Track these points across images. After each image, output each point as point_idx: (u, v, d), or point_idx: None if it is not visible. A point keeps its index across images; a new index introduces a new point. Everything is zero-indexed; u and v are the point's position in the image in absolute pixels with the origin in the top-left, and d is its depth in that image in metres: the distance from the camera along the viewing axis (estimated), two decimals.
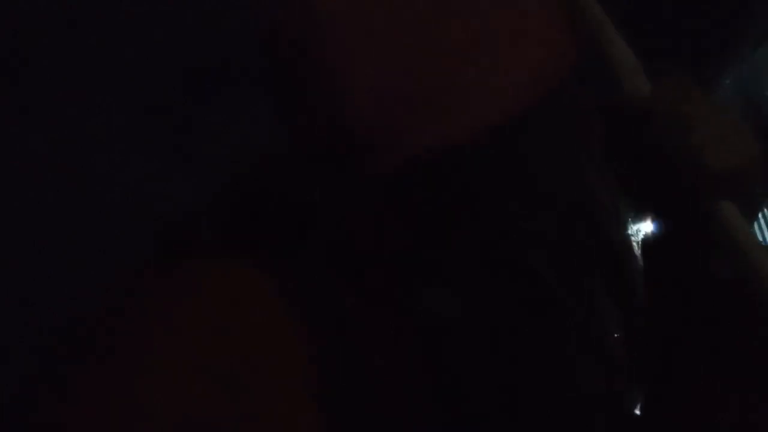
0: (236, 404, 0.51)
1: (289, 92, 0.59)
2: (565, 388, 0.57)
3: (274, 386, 0.53)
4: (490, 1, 0.56)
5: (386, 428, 0.56)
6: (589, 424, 0.57)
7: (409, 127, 0.54)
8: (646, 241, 0.64)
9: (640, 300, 0.62)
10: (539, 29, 0.57)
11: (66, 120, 0.71)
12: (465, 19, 0.55)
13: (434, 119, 0.54)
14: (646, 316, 0.63)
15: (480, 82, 0.54)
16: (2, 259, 0.65)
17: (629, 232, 0.63)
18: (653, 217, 0.64)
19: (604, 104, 0.60)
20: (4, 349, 0.61)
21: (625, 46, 0.61)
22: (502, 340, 0.56)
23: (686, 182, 0.58)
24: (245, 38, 0.62)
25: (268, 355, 0.54)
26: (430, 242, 0.56)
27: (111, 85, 0.71)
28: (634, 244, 0.63)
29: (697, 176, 0.58)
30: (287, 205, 0.59)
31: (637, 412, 0.63)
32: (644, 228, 0.65)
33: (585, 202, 0.59)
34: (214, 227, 0.60)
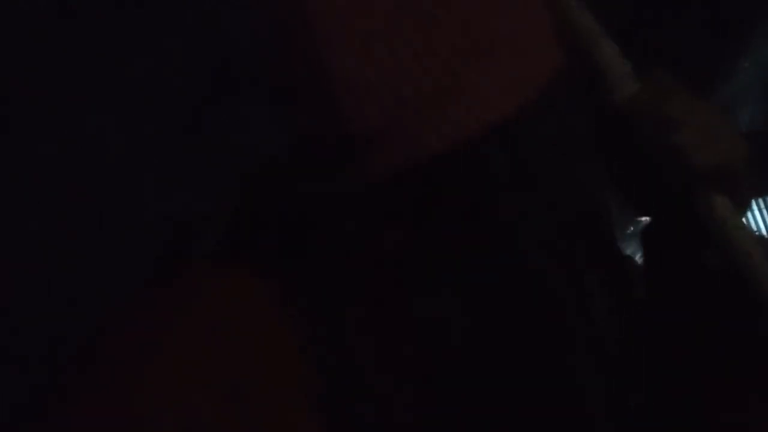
0: (238, 411, 0.51)
1: (288, 95, 0.59)
2: (566, 390, 0.57)
3: (275, 393, 0.53)
4: (484, 6, 0.56)
5: None
6: (590, 425, 0.58)
7: (406, 130, 0.54)
8: (645, 237, 0.65)
9: (639, 299, 0.63)
10: (531, 34, 0.57)
11: (70, 125, 0.72)
12: (459, 23, 0.55)
13: (431, 122, 0.54)
14: (645, 312, 0.63)
15: (474, 85, 0.54)
16: (7, 268, 0.66)
17: (628, 230, 0.63)
18: (647, 214, 0.64)
19: (596, 106, 0.60)
20: (10, 358, 0.62)
21: (614, 52, 0.61)
22: (502, 343, 0.56)
23: (672, 181, 0.59)
24: (252, 42, 0.62)
25: (269, 362, 0.54)
26: (430, 246, 0.56)
27: (115, 92, 0.71)
28: (633, 241, 0.63)
29: (682, 175, 0.59)
30: (289, 210, 0.59)
31: (638, 412, 0.63)
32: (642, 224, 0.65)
33: (583, 203, 0.59)
34: (218, 234, 0.60)
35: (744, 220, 0.63)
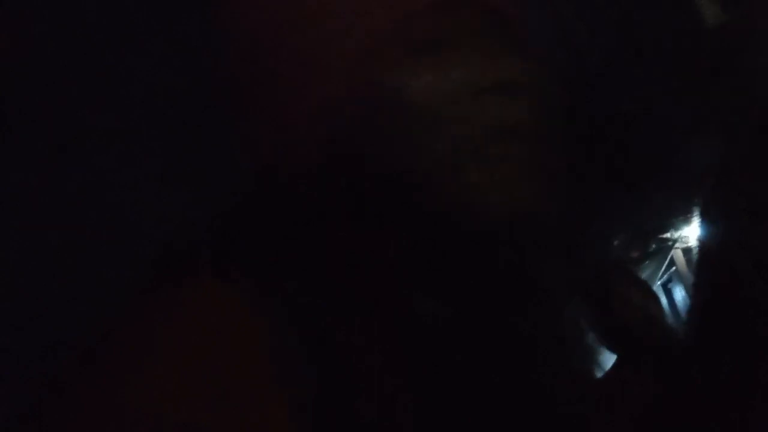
0: (236, 413, 0.52)
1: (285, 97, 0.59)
2: (562, 393, 0.57)
3: (272, 395, 0.53)
4: None
5: None
6: (587, 424, 0.58)
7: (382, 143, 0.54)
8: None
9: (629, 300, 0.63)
10: None
11: (66, 128, 0.71)
12: None
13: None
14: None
15: None
16: (7, 268, 0.66)
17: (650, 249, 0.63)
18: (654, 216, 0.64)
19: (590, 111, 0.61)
20: (10, 358, 0.62)
21: None
22: (499, 344, 0.56)
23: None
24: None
25: (267, 364, 0.55)
26: (423, 250, 0.56)
27: (115, 92, 0.71)
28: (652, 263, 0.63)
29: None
30: (286, 216, 0.60)
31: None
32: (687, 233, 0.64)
33: (576, 206, 0.59)
34: (217, 238, 0.61)
35: None
